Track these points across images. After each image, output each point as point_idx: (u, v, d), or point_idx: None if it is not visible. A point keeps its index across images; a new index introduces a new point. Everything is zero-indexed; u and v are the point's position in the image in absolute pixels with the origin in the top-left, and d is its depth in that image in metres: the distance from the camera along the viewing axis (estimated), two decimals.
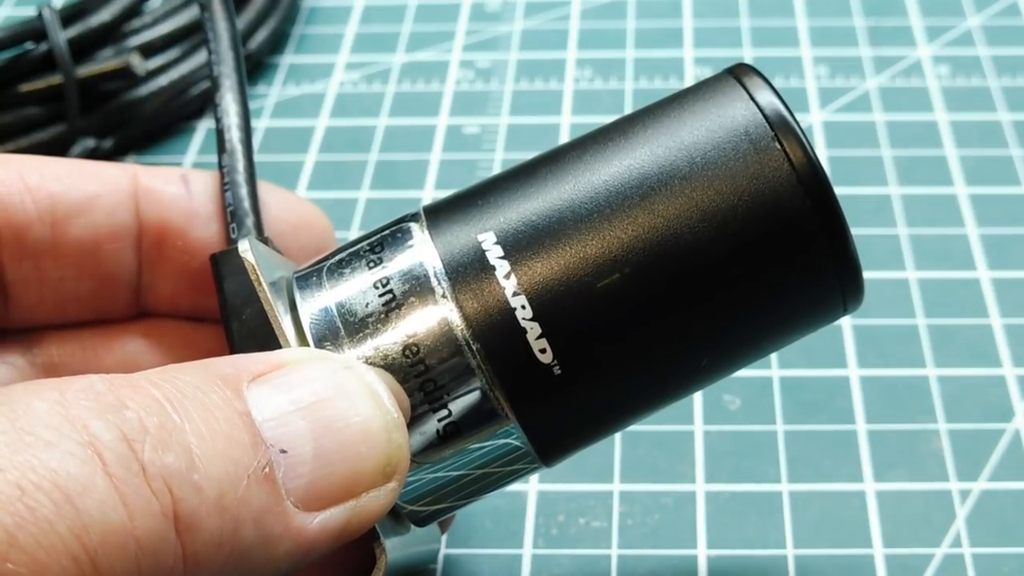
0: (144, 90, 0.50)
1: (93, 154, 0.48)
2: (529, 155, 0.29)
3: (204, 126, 0.52)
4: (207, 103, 0.52)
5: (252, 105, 0.45)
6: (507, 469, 0.28)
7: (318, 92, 0.53)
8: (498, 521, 0.36)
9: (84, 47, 0.48)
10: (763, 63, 0.52)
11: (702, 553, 0.35)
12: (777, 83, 0.36)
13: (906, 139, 0.48)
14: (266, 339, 0.27)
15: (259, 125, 0.51)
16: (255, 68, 0.54)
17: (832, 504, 0.36)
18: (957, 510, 0.36)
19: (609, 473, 0.37)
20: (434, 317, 0.26)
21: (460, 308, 0.26)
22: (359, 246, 0.28)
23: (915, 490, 0.36)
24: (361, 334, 0.26)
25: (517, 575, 0.35)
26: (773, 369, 0.40)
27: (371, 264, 0.27)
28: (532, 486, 0.37)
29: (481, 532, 0.36)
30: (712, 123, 0.27)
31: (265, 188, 0.32)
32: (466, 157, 0.49)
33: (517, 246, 0.27)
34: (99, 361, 0.32)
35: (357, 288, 0.27)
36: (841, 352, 0.40)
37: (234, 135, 0.31)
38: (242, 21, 0.52)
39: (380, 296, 0.27)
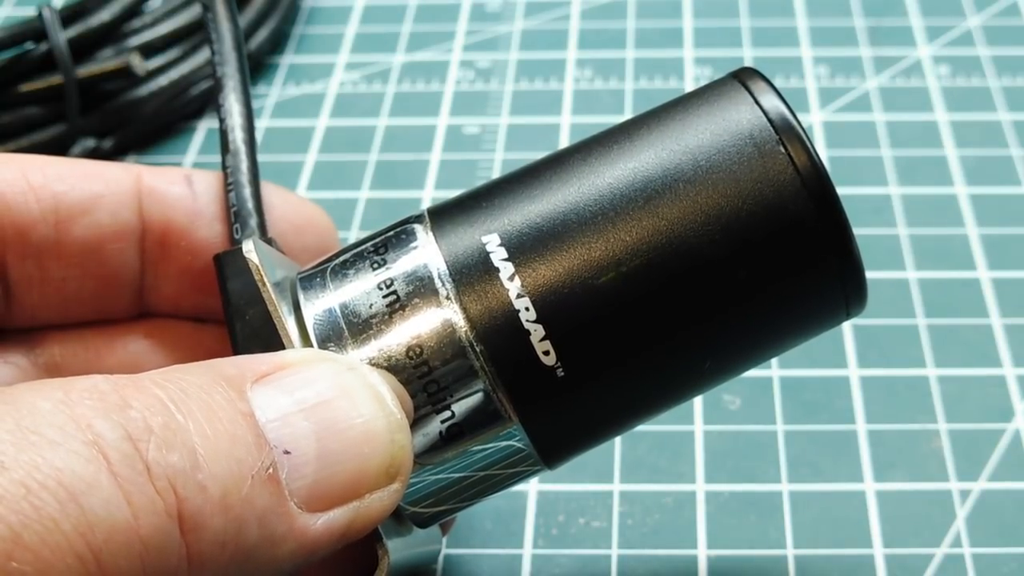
0: (144, 90, 0.50)
1: (93, 154, 0.48)
2: (529, 155, 0.29)
3: (204, 126, 0.52)
4: (207, 103, 0.52)
5: (253, 105, 0.45)
6: (509, 471, 0.28)
7: (318, 92, 0.53)
8: (498, 521, 0.36)
9: (84, 47, 0.48)
10: (763, 63, 0.52)
11: (702, 553, 0.35)
12: (777, 83, 0.36)
13: (906, 139, 0.48)
14: (270, 340, 0.27)
15: (259, 125, 0.51)
16: (255, 68, 0.54)
17: (832, 504, 0.36)
18: (957, 510, 0.36)
19: (609, 473, 0.37)
20: (438, 319, 0.26)
21: (464, 310, 0.26)
22: (363, 247, 0.28)
23: (915, 490, 0.36)
24: (365, 335, 0.26)
25: (517, 575, 0.35)
26: (773, 369, 0.40)
27: (375, 265, 0.27)
28: (532, 486, 0.37)
29: (481, 532, 0.36)
30: (717, 127, 0.27)
31: (268, 189, 0.32)
32: (466, 157, 0.49)
33: (521, 248, 0.27)
34: (101, 361, 0.32)
35: (361, 289, 0.27)
36: (841, 352, 0.40)
37: (238, 136, 0.31)
38: (242, 21, 0.52)
39: (384, 297, 0.27)
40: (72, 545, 0.20)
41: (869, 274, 0.27)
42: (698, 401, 0.39)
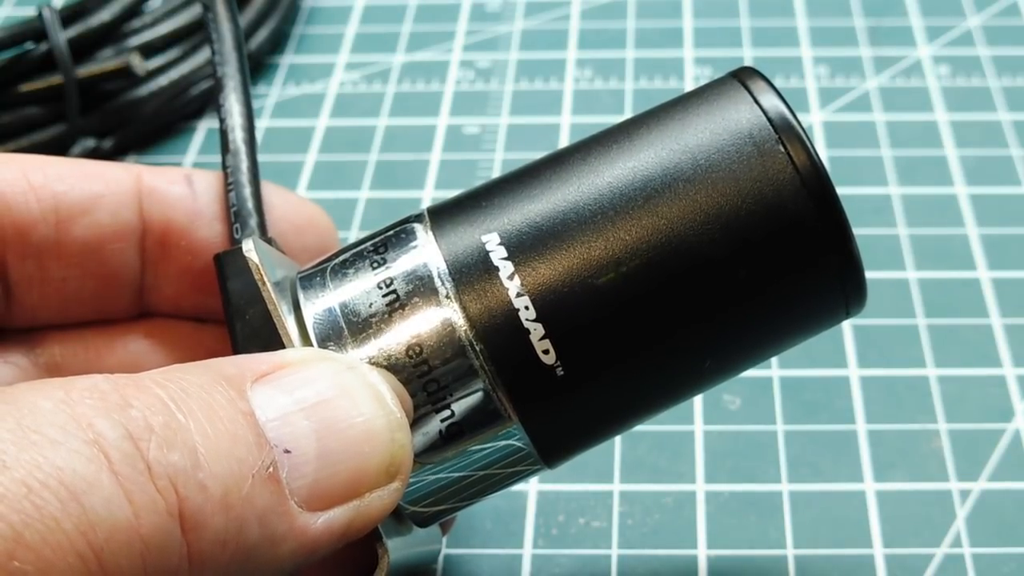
0: (144, 90, 0.50)
1: (93, 154, 0.48)
2: (529, 155, 0.29)
3: (204, 126, 0.52)
4: (207, 103, 0.52)
5: (253, 105, 0.45)
6: (509, 471, 0.28)
7: (318, 92, 0.53)
8: (498, 521, 0.36)
9: (84, 47, 0.48)
10: (763, 63, 0.52)
11: (702, 553, 0.35)
12: (777, 83, 0.36)
13: (906, 139, 0.49)
14: (270, 339, 0.27)
15: (259, 125, 0.51)
16: (255, 68, 0.54)
17: (832, 504, 0.36)
18: (957, 510, 0.36)
19: (609, 473, 0.37)
20: (437, 318, 0.26)
21: (463, 309, 0.26)
22: (363, 247, 0.28)
23: (915, 490, 0.36)
24: (364, 334, 0.26)
25: (517, 575, 0.35)
26: (773, 369, 0.40)
27: (375, 265, 0.27)
28: (532, 486, 0.37)
29: (481, 532, 0.36)
30: (716, 126, 0.27)
31: (268, 188, 0.32)
32: (466, 157, 0.49)
33: (521, 247, 0.27)
34: (101, 361, 0.32)
35: (361, 288, 0.27)
36: (841, 352, 0.40)
37: (238, 135, 0.32)
38: (242, 21, 0.52)
39: (384, 296, 0.27)
40: (73, 544, 0.20)
41: (869, 274, 0.27)
42: (698, 401, 0.39)
